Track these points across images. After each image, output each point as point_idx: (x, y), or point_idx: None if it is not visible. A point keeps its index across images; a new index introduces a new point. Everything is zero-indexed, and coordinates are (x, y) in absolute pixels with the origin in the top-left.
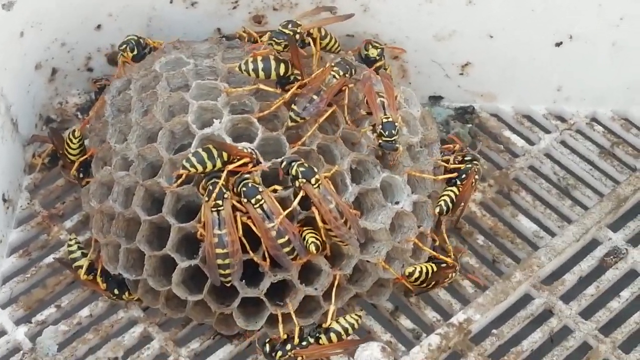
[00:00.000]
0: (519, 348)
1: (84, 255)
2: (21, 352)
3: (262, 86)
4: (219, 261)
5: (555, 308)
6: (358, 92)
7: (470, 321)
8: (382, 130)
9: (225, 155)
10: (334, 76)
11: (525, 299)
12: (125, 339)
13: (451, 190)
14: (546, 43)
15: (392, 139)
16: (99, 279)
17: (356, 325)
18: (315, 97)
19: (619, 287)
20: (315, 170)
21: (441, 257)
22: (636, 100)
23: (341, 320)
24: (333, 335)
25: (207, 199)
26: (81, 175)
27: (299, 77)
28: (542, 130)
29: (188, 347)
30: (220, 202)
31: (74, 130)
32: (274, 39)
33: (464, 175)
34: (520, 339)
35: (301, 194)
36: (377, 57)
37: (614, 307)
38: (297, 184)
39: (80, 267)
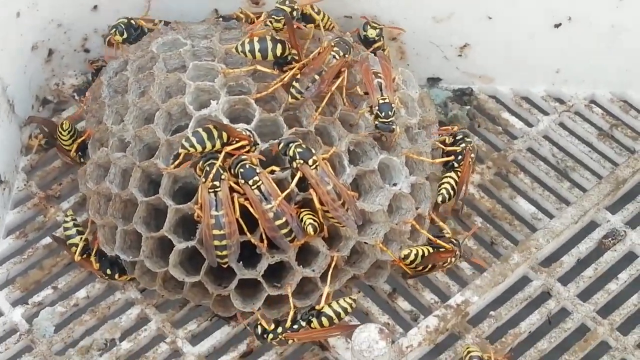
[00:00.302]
0: (516, 330)
1: (80, 233)
2: (18, 333)
3: (259, 67)
4: (216, 242)
5: (553, 290)
6: (356, 73)
7: (468, 303)
8: (378, 112)
9: (225, 136)
10: (334, 56)
11: (523, 281)
12: (122, 320)
13: (450, 177)
14: (545, 25)
15: (389, 120)
16: (92, 259)
17: (349, 310)
18: (317, 77)
19: (617, 269)
20: (313, 151)
21: (439, 241)
22: (635, 82)
23: (334, 304)
24: (324, 320)
25: (204, 180)
26: (81, 160)
27: (297, 58)
28: (540, 112)
29: (185, 328)
30: (217, 183)
31: (62, 123)
32: (272, 16)
33: (460, 157)
34: (518, 320)
35: (299, 175)
36: (376, 38)
37: (612, 289)
38: (294, 165)
39: (74, 245)
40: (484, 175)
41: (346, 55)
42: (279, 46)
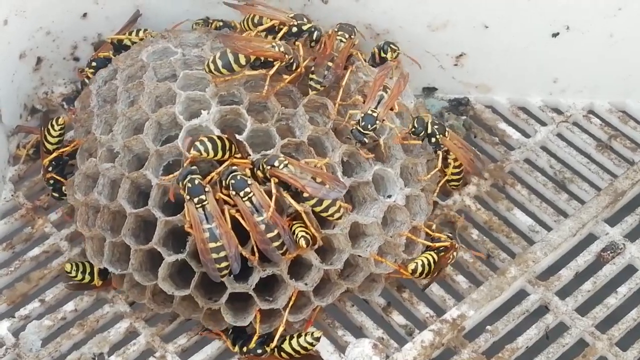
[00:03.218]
0: (513, 345)
1: (88, 272)
2: (4, 347)
3: (247, 72)
4: (214, 255)
5: (551, 304)
6: (350, 83)
7: (464, 317)
8: (360, 119)
9: (234, 150)
10: (341, 40)
11: (521, 295)
12: (111, 334)
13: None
14: (542, 33)
15: (365, 131)
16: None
17: (309, 348)
18: (330, 64)
19: (616, 282)
20: (278, 155)
21: (437, 244)
22: (634, 92)
23: (294, 342)
24: (284, 354)
25: (188, 197)
26: (50, 169)
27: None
28: (538, 123)
29: (175, 342)
30: (203, 197)
31: (58, 118)
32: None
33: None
34: (515, 335)
35: (273, 180)
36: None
37: (611, 303)
38: (267, 174)
39: (90, 281)
40: (481, 186)
41: (352, 36)
42: (241, 55)
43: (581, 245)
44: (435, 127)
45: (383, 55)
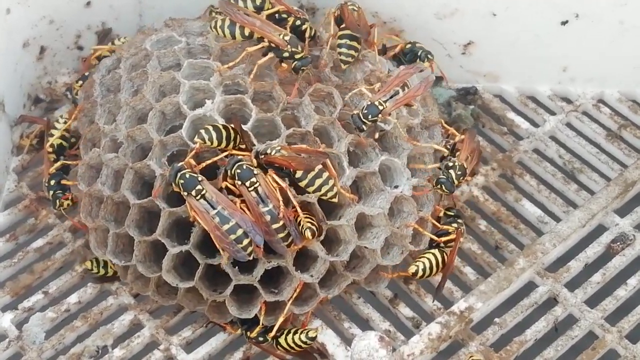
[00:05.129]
0: (522, 337)
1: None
2: (7, 339)
3: (249, 49)
4: (232, 236)
5: (560, 296)
6: (356, 72)
7: (472, 309)
8: (364, 106)
9: (238, 140)
10: (354, 9)
11: (529, 287)
12: (115, 326)
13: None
14: (551, 21)
15: (364, 119)
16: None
17: (304, 346)
18: (356, 33)
19: (626, 274)
20: (271, 143)
21: (442, 238)
22: None
23: (289, 337)
24: (280, 348)
25: (186, 193)
26: (54, 162)
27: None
28: (547, 112)
29: (179, 335)
30: (199, 187)
31: (62, 115)
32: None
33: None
34: (523, 328)
35: (269, 175)
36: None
37: (620, 295)
38: (263, 162)
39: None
40: (489, 177)
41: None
42: (246, 29)
43: (590, 237)
44: (459, 173)
45: (421, 64)
